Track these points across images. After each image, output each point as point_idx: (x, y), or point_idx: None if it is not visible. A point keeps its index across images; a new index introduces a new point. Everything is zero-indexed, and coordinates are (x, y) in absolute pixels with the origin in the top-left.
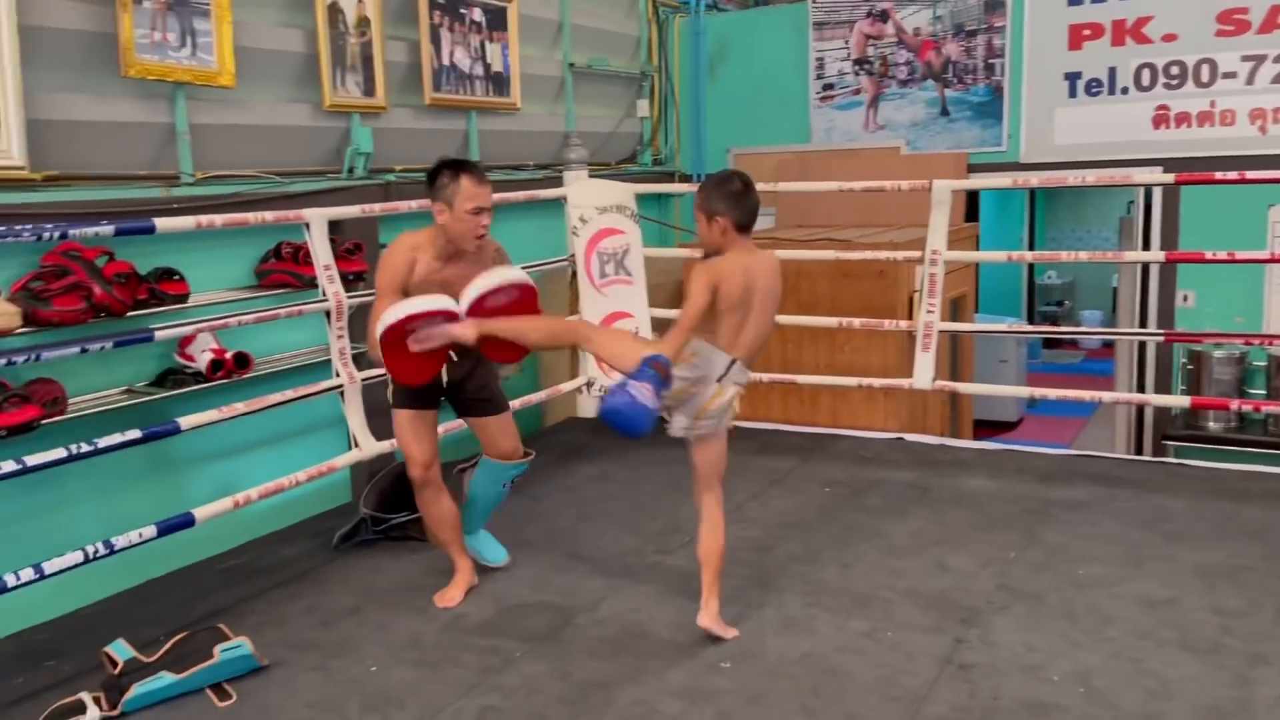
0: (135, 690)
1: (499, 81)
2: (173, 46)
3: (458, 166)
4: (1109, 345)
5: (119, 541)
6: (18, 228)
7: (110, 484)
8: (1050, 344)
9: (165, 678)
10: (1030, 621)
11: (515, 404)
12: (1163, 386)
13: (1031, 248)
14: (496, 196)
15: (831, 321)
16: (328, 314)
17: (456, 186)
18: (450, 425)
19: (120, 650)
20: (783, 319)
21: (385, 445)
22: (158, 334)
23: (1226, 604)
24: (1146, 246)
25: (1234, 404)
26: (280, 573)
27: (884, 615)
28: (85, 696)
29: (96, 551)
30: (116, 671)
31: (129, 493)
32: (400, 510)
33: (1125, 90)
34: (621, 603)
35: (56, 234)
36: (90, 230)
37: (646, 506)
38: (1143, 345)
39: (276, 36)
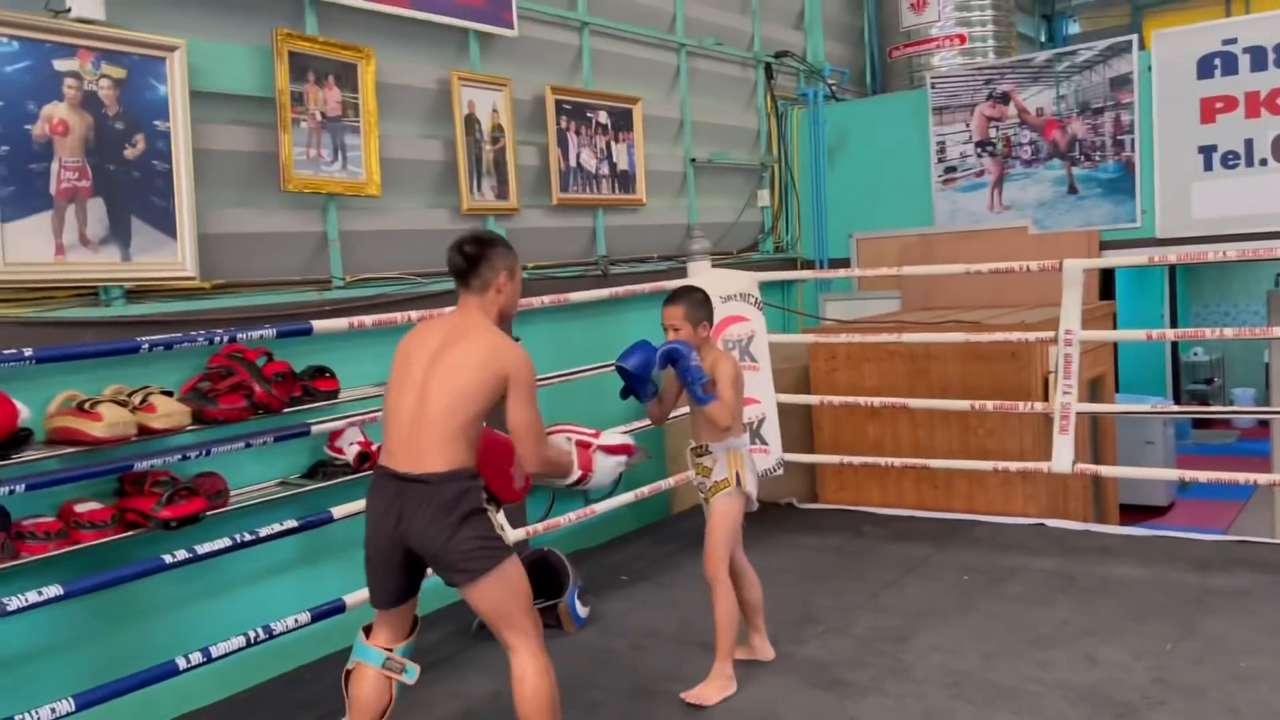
0: None
1: (624, 179)
2: (325, 161)
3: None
4: (1264, 424)
5: (277, 626)
6: (193, 333)
7: (266, 572)
8: (1201, 424)
9: None
10: (1191, 718)
11: (644, 490)
12: None
13: (1173, 325)
14: (623, 290)
15: (964, 405)
16: None
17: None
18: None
19: None
20: (913, 402)
21: (521, 533)
22: (314, 428)
23: None
24: None
25: None
26: (421, 658)
27: (1032, 709)
28: None
29: (257, 636)
30: None
31: (282, 581)
32: (536, 598)
33: (1264, 161)
34: (757, 693)
35: (225, 338)
36: (255, 334)
37: (777, 595)
38: None
39: (418, 147)
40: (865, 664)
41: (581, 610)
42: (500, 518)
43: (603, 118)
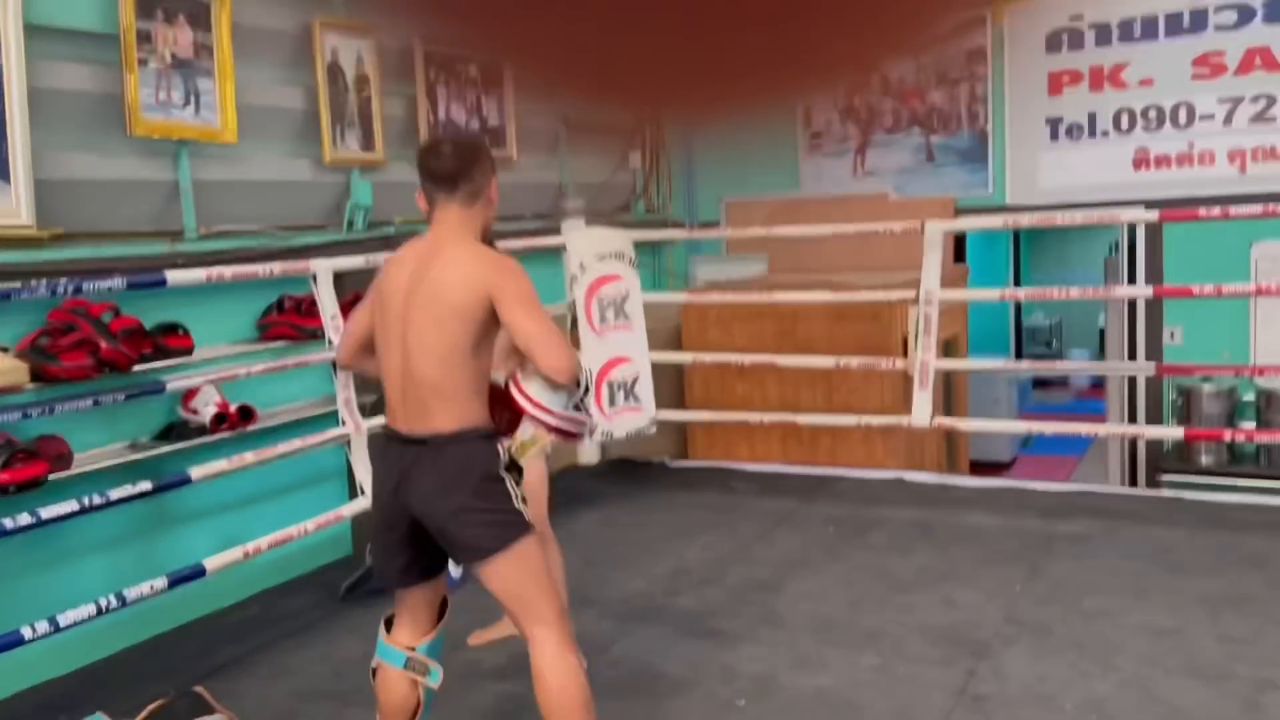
0: None
1: (495, 135)
2: (176, 105)
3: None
4: (1098, 385)
5: (131, 593)
6: (33, 283)
7: (116, 539)
8: (1040, 385)
9: None
10: (1040, 652)
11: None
12: (1154, 422)
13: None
14: (499, 244)
15: (829, 361)
16: (333, 364)
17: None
18: None
19: None
20: (781, 360)
21: None
22: (169, 385)
23: (1232, 631)
24: (1132, 285)
25: (1227, 434)
26: (288, 624)
27: (895, 650)
28: None
29: (109, 604)
30: None
31: (135, 547)
32: None
33: (1105, 133)
34: (633, 645)
35: (70, 288)
36: (104, 285)
37: (652, 549)
38: (1133, 383)
39: (278, 94)
40: (738, 613)
41: (454, 571)
42: (520, 489)
43: (473, 71)
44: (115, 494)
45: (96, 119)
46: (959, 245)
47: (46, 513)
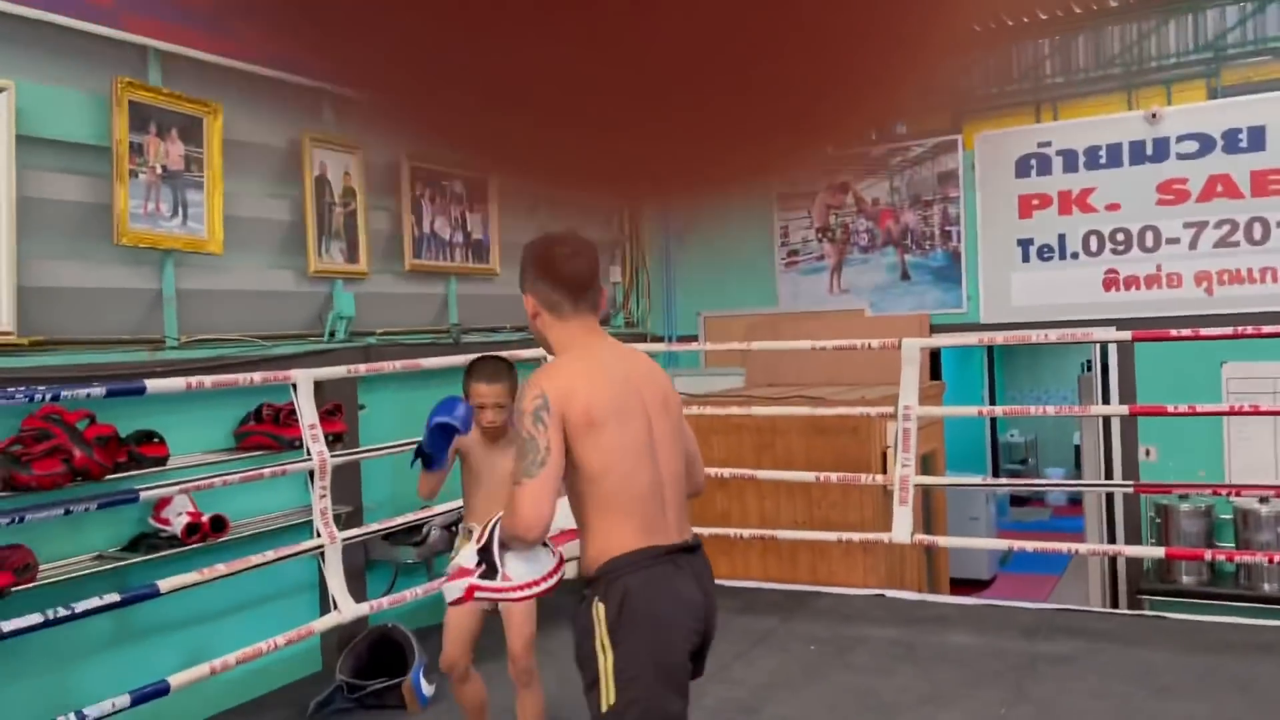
0: None
1: (478, 249)
2: (164, 216)
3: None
4: (1075, 503)
5: (91, 712)
6: (9, 390)
7: (81, 653)
8: (1017, 502)
9: None
10: None
11: None
12: (1132, 540)
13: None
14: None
15: (808, 476)
16: (311, 474)
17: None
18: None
19: None
20: (760, 474)
21: (364, 608)
22: (142, 495)
23: None
24: (1106, 404)
25: (1207, 554)
26: None
27: None
28: None
29: None
30: None
31: (97, 663)
32: (378, 675)
33: (1075, 255)
34: None
35: (48, 395)
36: (82, 392)
37: None
38: (1110, 501)
39: (265, 206)
40: None
41: (427, 689)
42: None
43: (458, 187)
44: (80, 606)
45: (84, 228)
46: (934, 361)
47: (9, 625)
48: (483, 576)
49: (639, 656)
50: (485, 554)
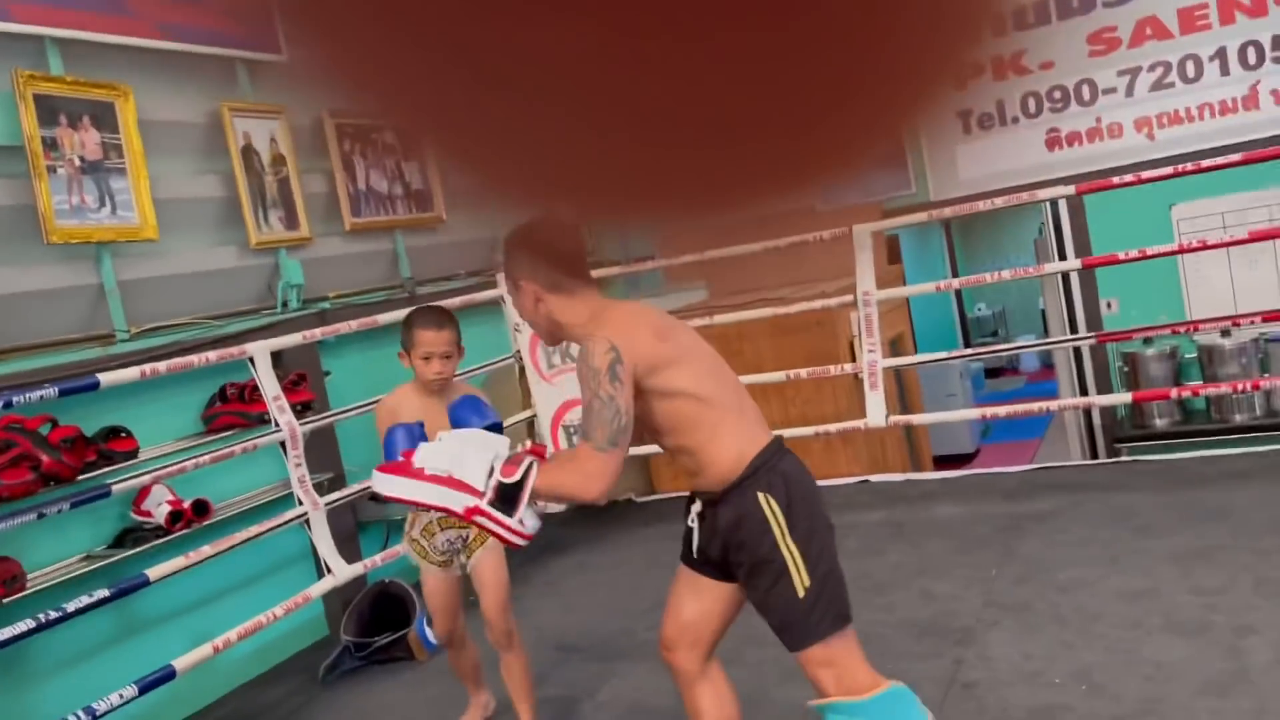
0: None
1: (420, 199)
2: (91, 208)
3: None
4: (1048, 367)
5: (100, 706)
6: None
7: (82, 654)
8: (992, 374)
9: None
10: (1022, 631)
11: None
12: (1104, 391)
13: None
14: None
15: (779, 376)
16: (283, 444)
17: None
18: None
19: None
20: None
21: (358, 568)
22: (115, 488)
23: (1205, 583)
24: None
25: (1173, 392)
26: (270, 714)
27: (881, 649)
28: None
29: None
30: None
31: (102, 661)
32: (382, 631)
33: (1015, 119)
34: (622, 684)
35: (1, 403)
36: (35, 395)
37: (630, 587)
38: (1080, 358)
39: (194, 184)
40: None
41: (432, 636)
42: None
43: (389, 138)
44: (72, 606)
45: (12, 231)
46: (893, 250)
47: (2, 635)
48: (495, 507)
49: (817, 534)
50: (513, 490)
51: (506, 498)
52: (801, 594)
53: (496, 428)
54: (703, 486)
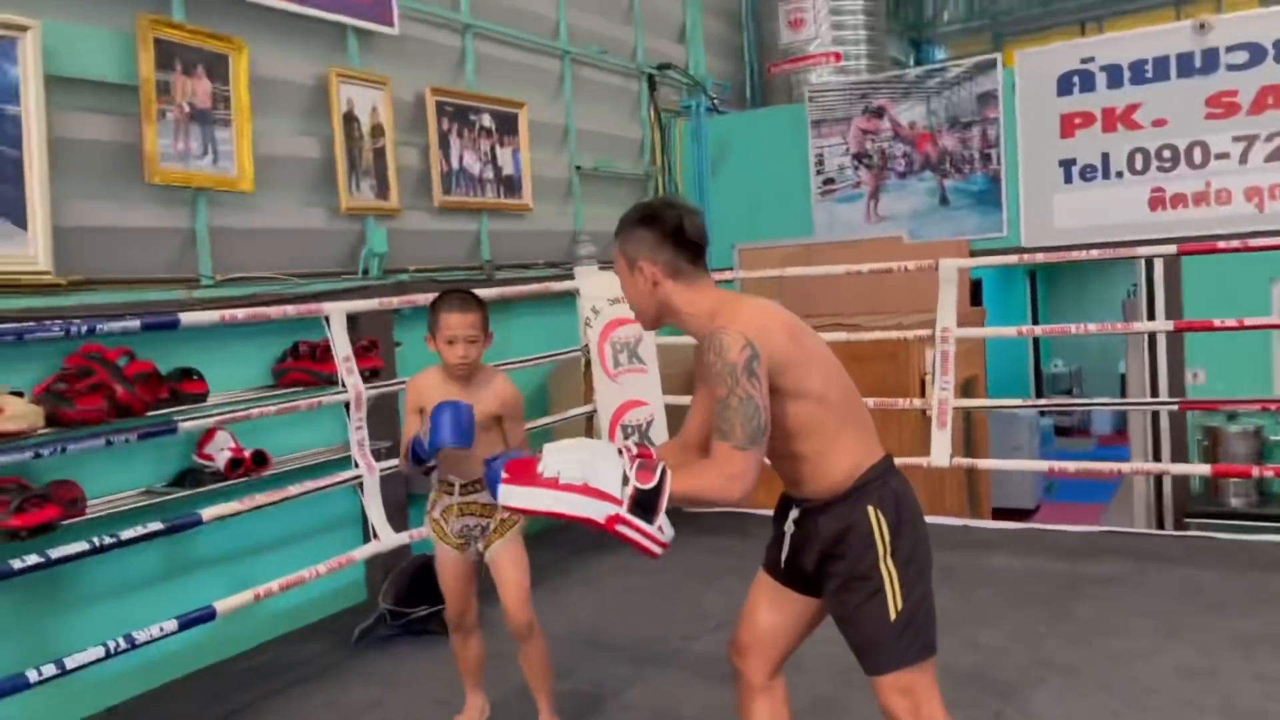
0: None
1: (509, 184)
2: (194, 154)
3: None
4: (1120, 432)
5: (140, 636)
6: (46, 323)
7: (127, 586)
8: (1061, 432)
9: None
10: (1068, 694)
11: None
12: (1178, 463)
13: (1037, 338)
14: (510, 291)
15: None
16: (347, 405)
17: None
18: None
19: None
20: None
21: (404, 537)
22: (181, 425)
23: (1269, 670)
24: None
25: (1255, 470)
26: (299, 670)
27: None
28: None
29: (118, 646)
30: None
31: (147, 595)
32: (420, 604)
33: (1120, 174)
34: (650, 688)
35: (84, 329)
36: (117, 325)
37: (668, 594)
38: (1156, 426)
39: (294, 144)
40: None
41: None
42: None
43: (486, 121)
44: (126, 534)
45: (115, 168)
46: (975, 293)
47: (55, 553)
48: (636, 514)
49: (917, 559)
50: (652, 497)
51: (645, 505)
52: (893, 617)
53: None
54: (807, 494)
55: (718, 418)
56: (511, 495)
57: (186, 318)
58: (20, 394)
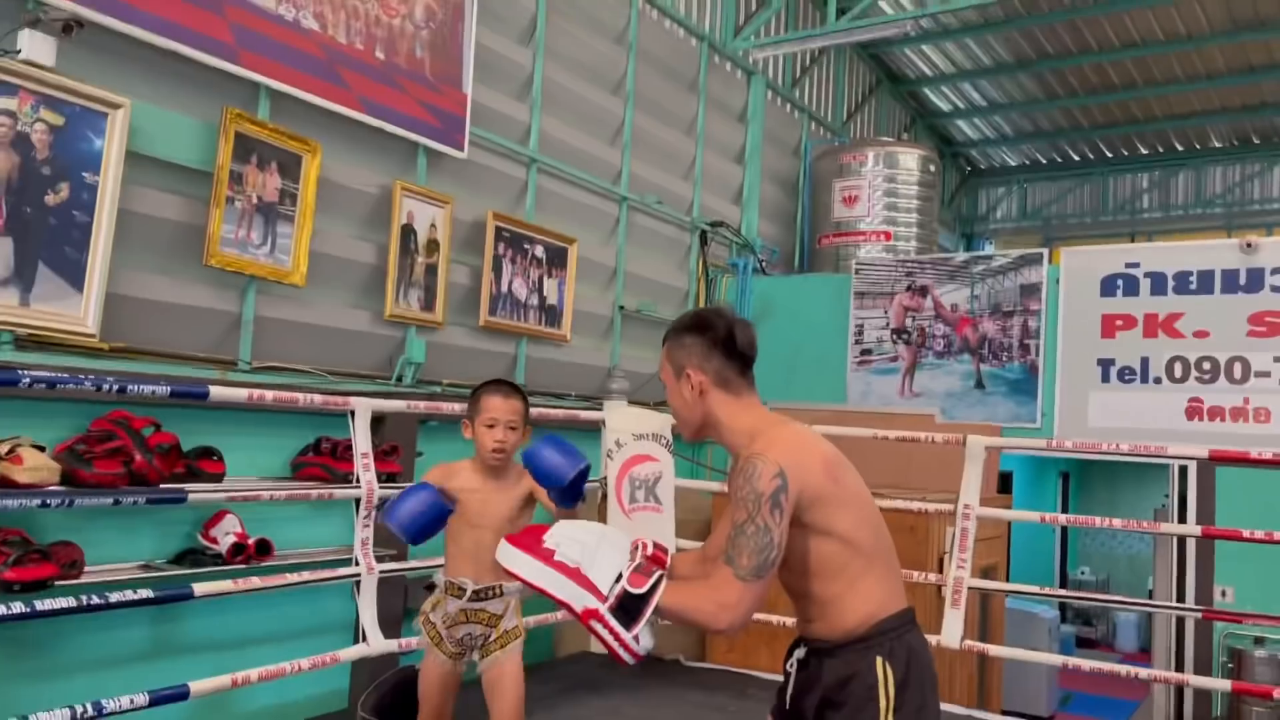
0: None
1: (551, 313)
2: (254, 243)
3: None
4: (1145, 651)
5: (109, 704)
6: (79, 376)
7: (111, 658)
8: (1084, 644)
9: None
10: None
11: (528, 620)
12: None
13: (1064, 542)
14: (538, 413)
15: None
16: (357, 502)
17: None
18: None
19: None
20: None
21: (393, 645)
22: (191, 496)
23: None
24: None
25: (1276, 693)
26: None
27: None
28: None
29: (84, 712)
30: None
31: (129, 670)
32: (399, 719)
33: (1158, 380)
34: None
35: (115, 387)
36: (147, 389)
37: None
38: (1180, 647)
39: (350, 247)
40: None
41: None
42: None
43: (539, 251)
44: (115, 597)
45: (176, 246)
46: (1005, 484)
47: (41, 605)
48: (614, 615)
49: (921, 717)
50: (638, 603)
51: (628, 609)
52: None
53: (584, 473)
54: (818, 634)
55: (730, 540)
56: (505, 554)
57: (216, 391)
58: (42, 448)
